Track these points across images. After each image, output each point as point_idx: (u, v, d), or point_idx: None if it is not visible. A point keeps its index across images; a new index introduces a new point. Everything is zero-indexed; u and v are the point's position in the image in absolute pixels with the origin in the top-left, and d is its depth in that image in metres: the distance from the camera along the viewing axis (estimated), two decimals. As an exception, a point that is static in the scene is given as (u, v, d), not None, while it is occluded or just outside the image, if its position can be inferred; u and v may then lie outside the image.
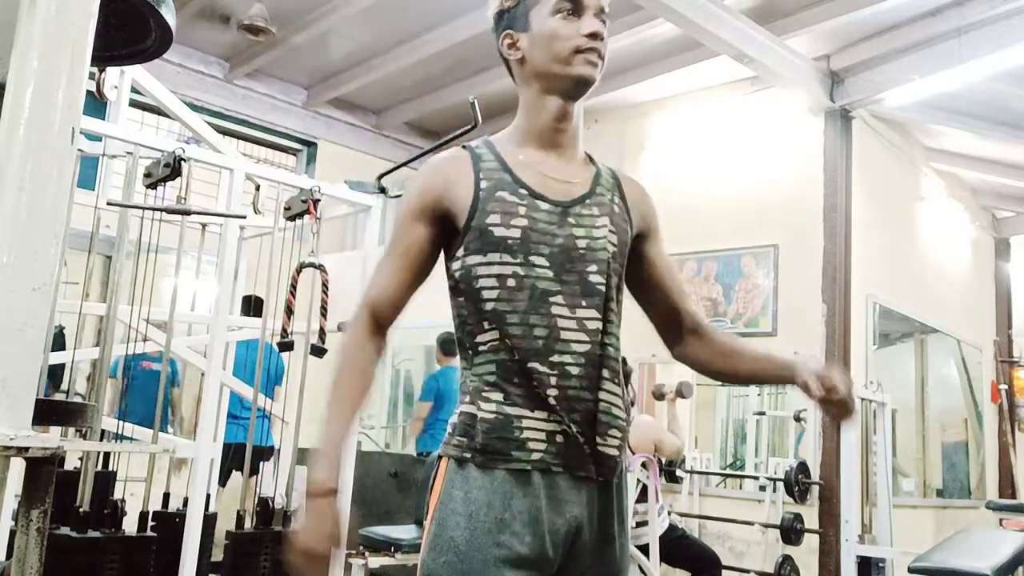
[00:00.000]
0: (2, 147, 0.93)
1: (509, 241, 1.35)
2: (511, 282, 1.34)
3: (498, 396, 1.33)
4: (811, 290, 5.09)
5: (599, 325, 1.37)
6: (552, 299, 1.35)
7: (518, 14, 1.44)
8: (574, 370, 1.33)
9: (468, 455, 1.32)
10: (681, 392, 4.55)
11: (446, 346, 5.66)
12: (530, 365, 1.32)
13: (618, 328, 1.42)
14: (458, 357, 1.44)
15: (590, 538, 1.35)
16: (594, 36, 1.41)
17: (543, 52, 1.41)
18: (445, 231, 1.41)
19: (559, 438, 1.32)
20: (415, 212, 1.41)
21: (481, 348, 1.36)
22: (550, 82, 1.42)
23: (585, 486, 1.35)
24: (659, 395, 4.59)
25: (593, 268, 1.38)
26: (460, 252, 1.38)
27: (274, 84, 6.33)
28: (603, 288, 1.38)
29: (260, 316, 3.32)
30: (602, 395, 1.36)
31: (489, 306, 1.35)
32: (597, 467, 1.35)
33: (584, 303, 1.36)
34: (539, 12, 1.42)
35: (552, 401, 1.32)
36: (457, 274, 1.39)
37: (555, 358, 1.33)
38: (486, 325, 1.36)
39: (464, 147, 1.46)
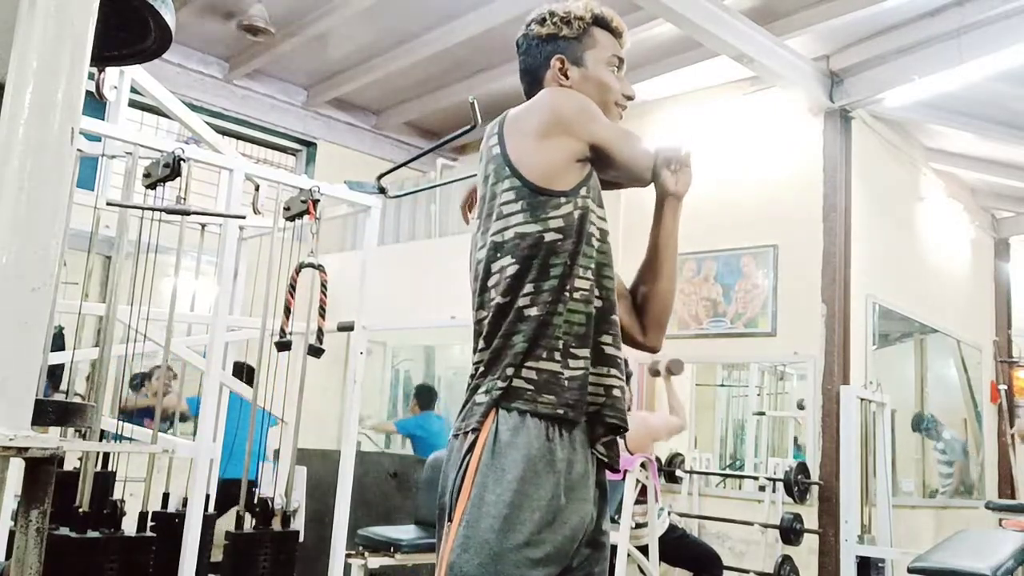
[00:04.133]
0: (2, 147, 0.93)
1: (606, 232, 1.52)
2: (608, 238, 1.51)
3: (584, 351, 1.42)
4: (811, 290, 5.09)
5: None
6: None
7: (574, 47, 1.60)
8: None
9: (561, 411, 1.37)
10: (670, 369, 4.61)
11: (422, 397, 5.82)
12: (612, 317, 1.47)
13: None
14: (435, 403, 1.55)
15: (592, 527, 1.44)
16: (629, 98, 1.64)
17: (590, 93, 1.57)
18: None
19: (616, 392, 1.45)
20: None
21: (575, 295, 1.43)
22: None
23: (592, 480, 1.43)
24: (654, 372, 4.81)
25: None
26: (584, 192, 1.48)
27: (274, 84, 6.33)
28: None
29: (251, 385, 3.29)
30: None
31: (593, 253, 1.47)
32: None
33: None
34: (596, 57, 1.60)
35: (619, 353, 1.47)
36: (573, 212, 1.45)
37: (615, 316, 1.49)
38: (582, 271, 1.44)
39: None
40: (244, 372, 4.11)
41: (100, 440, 2.91)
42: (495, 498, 1.30)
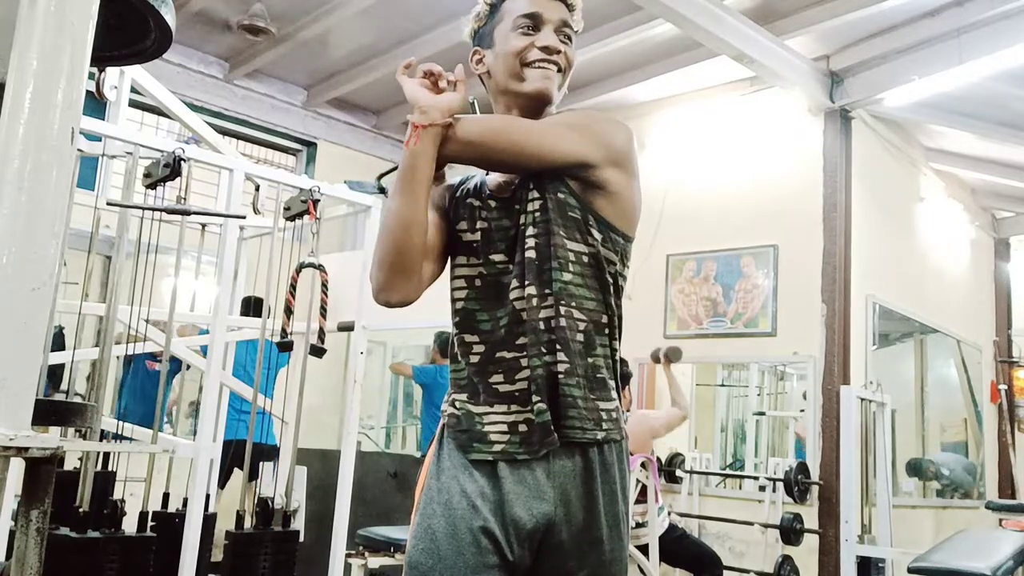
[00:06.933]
0: (2, 147, 0.93)
1: (474, 244, 1.44)
2: (478, 282, 1.44)
3: (463, 396, 1.43)
4: (811, 290, 5.09)
5: (537, 297, 1.37)
6: (511, 287, 1.41)
7: (485, 33, 1.51)
8: (531, 339, 1.37)
9: (444, 450, 1.42)
10: (668, 357, 4.58)
11: (444, 347, 5.72)
12: (499, 354, 1.39)
13: (570, 292, 1.39)
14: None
15: (569, 538, 1.35)
16: (547, 49, 1.44)
17: (501, 67, 1.47)
18: None
19: (522, 427, 1.37)
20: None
21: (456, 355, 1.46)
22: (509, 99, 1.48)
23: (557, 481, 1.35)
24: (655, 358, 4.79)
25: (530, 243, 1.40)
26: (451, 260, 1.49)
27: (274, 84, 6.33)
28: (535, 260, 1.39)
29: (260, 316, 3.31)
30: (548, 357, 1.36)
31: (459, 305, 1.44)
32: (562, 419, 1.35)
33: (527, 280, 1.39)
34: (502, 30, 1.47)
35: (523, 385, 1.37)
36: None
37: (520, 340, 1.39)
38: (453, 330, 1.46)
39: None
40: (252, 305, 4.10)
41: (100, 440, 2.91)
42: (439, 485, 1.38)
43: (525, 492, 1.34)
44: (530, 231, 1.39)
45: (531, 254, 1.39)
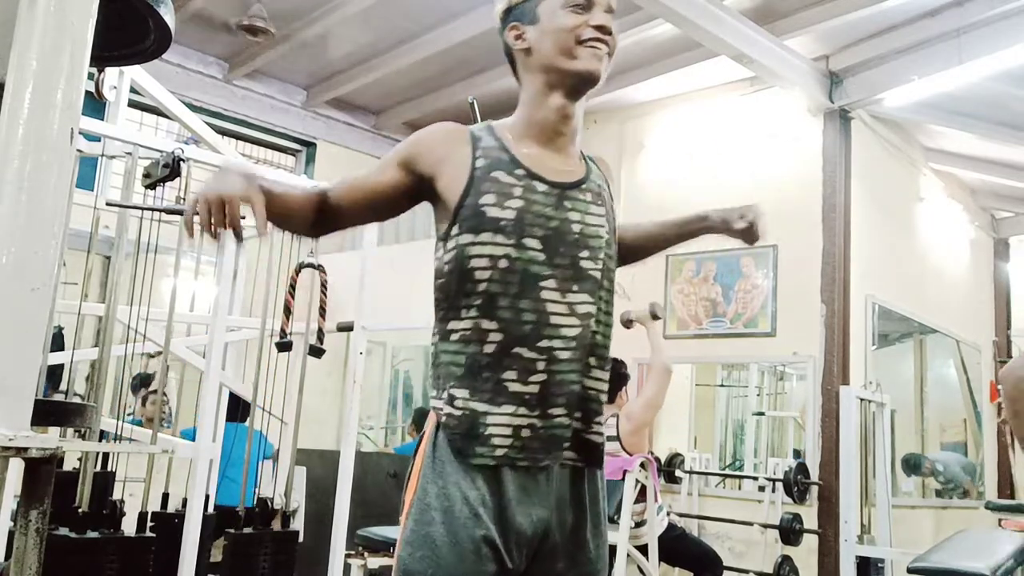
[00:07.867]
0: (1, 147, 0.93)
1: (502, 222, 1.35)
2: (503, 263, 1.34)
3: (464, 392, 1.33)
4: (810, 290, 5.09)
5: (591, 309, 1.39)
6: (543, 283, 1.36)
7: (527, 9, 1.46)
8: (563, 354, 1.35)
9: (441, 451, 1.34)
10: (655, 313, 4.19)
11: (419, 421, 5.79)
12: (515, 350, 1.33)
13: (609, 315, 1.44)
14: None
15: (561, 541, 1.36)
16: (601, 28, 1.41)
17: (550, 43, 1.42)
18: (419, 195, 1.44)
19: (525, 432, 1.33)
20: (396, 159, 1.43)
21: (452, 336, 1.36)
22: (554, 76, 1.42)
23: (555, 487, 1.36)
24: (627, 323, 4.16)
25: (586, 253, 1.40)
26: (454, 231, 1.37)
27: (273, 84, 6.32)
28: (596, 273, 1.40)
29: (245, 420, 3.27)
30: (588, 381, 1.39)
31: (481, 287, 1.34)
32: (579, 452, 1.39)
33: (575, 288, 1.37)
34: (549, 5, 1.43)
35: (535, 388, 1.33)
36: (449, 254, 1.37)
37: (543, 343, 1.34)
38: (464, 312, 1.35)
39: (465, 127, 1.47)
40: (240, 407, 4.03)
41: (100, 440, 2.91)
42: (437, 490, 1.31)
43: (526, 499, 1.33)
44: (595, 242, 1.41)
45: (590, 265, 1.40)
